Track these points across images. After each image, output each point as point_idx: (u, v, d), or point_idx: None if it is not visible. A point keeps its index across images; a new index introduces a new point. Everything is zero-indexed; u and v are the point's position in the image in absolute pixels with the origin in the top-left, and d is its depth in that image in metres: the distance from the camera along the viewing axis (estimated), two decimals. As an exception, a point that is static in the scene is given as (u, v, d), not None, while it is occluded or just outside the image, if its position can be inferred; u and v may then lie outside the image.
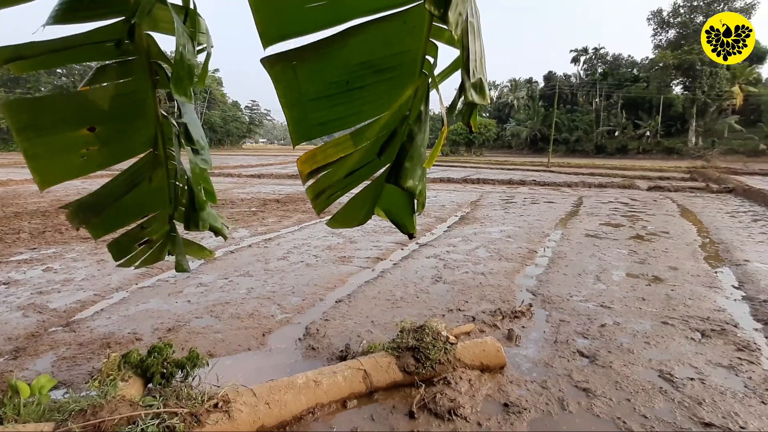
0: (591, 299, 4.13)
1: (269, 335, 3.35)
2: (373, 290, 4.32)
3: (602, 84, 47.18)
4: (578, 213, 9.24)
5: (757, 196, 11.28)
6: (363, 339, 3.19)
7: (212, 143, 61.19)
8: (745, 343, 3.22)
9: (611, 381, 2.70)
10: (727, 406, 2.45)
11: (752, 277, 4.79)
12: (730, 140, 36.33)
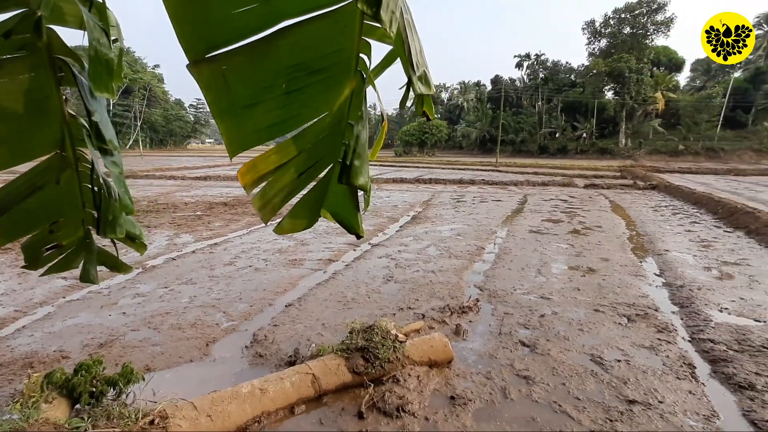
0: (532, 291, 4.37)
1: (213, 345, 3.21)
2: (325, 292, 4.28)
3: (544, 88, 50.00)
4: (523, 210, 9.74)
5: (677, 192, 12.51)
6: (313, 342, 3.15)
7: (153, 143, 57.49)
8: (664, 325, 3.55)
9: (549, 368, 2.88)
10: (648, 383, 2.69)
11: (671, 265, 5.30)
12: (654, 141, 39.94)
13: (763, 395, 2.57)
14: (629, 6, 41.47)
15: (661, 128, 40.33)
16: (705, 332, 3.43)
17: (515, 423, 2.31)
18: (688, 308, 3.94)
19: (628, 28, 42.11)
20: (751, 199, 11.20)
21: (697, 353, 3.15)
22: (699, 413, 2.40)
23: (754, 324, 3.59)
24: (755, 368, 2.86)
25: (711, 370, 2.91)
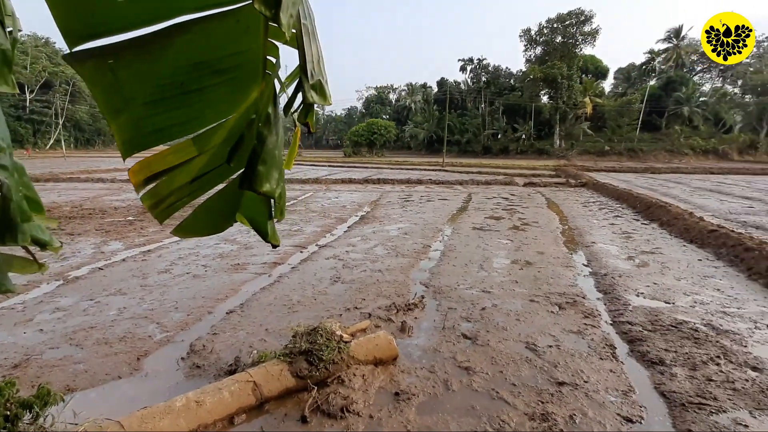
0: (475, 286, 4.56)
1: (145, 359, 3.01)
2: (269, 297, 4.16)
3: (486, 92, 52.30)
4: (468, 209, 10.12)
5: (603, 189, 13.65)
6: (255, 349, 3.05)
7: (79, 143, 52.54)
8: (590, 311, 3.86)
9: (488, 357, 3.02)
10: (576, 365, 2.91)
11: (597, 256, 5.78)
12: (584, 142, 43.28)
13: (671, 369, 2.88)
14: (560, 17, 44.55)
15: (590, 131, 43.80)
16: (624, 315, 3.78)
17: (456, 413, 2.39)
18: (611, 294, 4.32)
19: (559, 38, 45.23)
20: (664, 195, 12.52)
21: (618, 335, 3.46)
22: (618, 389, 2.64)
23: (665, 306, 4.02)
24: (665, 345, 3.20)
25: (629, 350, 3.21)
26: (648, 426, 2.33)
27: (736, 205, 10.54)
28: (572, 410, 2.42)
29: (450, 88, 53.82)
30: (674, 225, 7.55)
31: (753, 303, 4.09)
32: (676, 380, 2.73)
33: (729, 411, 2.42)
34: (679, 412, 2.43)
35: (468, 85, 57.31)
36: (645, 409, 2.46)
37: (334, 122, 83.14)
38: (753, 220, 8.45)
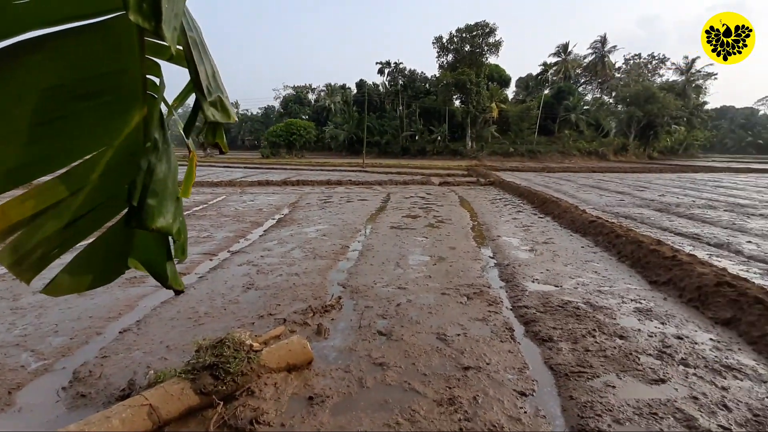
0: (391, 284, 4.69)
1: (18, 392, 2.58)
2: (172, 310, 3.83)
3: (403, 94, 54.07)
4: (386, 208, 10.36)
5: (507, 187, 14.97)
6: (152, 369, 2.78)
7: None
8: (493, 299, 4.21)
9: (402, 351, 3.13)
10: (480, 349, 3.15)
11: (501, 248, 6.32)
12: (492, 144, 47.03)
13: (558, 344, 3.26)
14: (468, 27, 47.82)
15: (497, 133, 47.72)
16: (522, 300, 4.19)
17: (369, 409, 2.44)
18: (511, 282, 4.75)
19: (468, 47, 48.56)
20: (557, 191, 14.13)
21: (516, 318, 3.82)
22: (515, 367, 2.92)
23: (554, 289, 4.53)
24: (553, 324, 3.62)
25: (524, 331, 3.57)
26: (539, 396, 2.61)
27: (611, 199, 12.29)
28: (476, 392, 2.61)
29: (369, 90, 54.62)
30: (564, 217, 8.56)
31: (621, 281, 4.81)
32: (561, 354, 3.10)
33: (601, 375, 2.82)
34: (563, 381, 2.76)
35: (386, 87, 58.66)
36: (536, 383, 2.75)
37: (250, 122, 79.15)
38: (623, 211, 9.93)
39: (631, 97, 48.41)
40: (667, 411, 2.42)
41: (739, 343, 3.28)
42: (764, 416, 2.37)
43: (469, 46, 48.51)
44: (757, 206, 10.75)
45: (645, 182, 18.17)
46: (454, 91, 48.63)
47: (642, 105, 46.52)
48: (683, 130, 52.79)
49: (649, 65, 61.16)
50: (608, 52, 55.08)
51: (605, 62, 55.22)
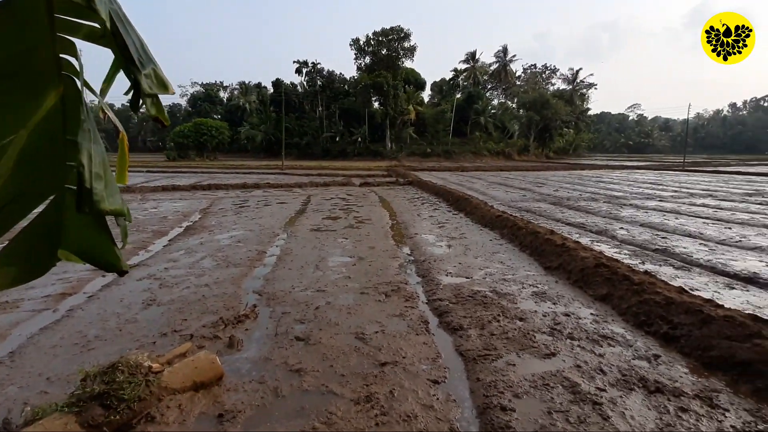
0: (310, 287, 4.61)
1: None
2: (54, 337, 3.33)
3: (323, 95, 53.55)
4: (306, 211, 10.17)
5: (425, 186, 15.64)
6: (29, 405, 2.40)
7: None
8: (410, 295, 4.37)
9: (320, 355, 3.10)
10: (397, 344, 3.25)
11: (418, 245, 6.58)
12: (411, 145, 48.78)
13: (467, 331, 3.49)
14: (384, 31, 48.99)
15: (415, 135, 49.62)
16: (436, 294, 4.41)
17: (285, 418, 2.38)
18: (427, 277, 4.98)
19: (384, 50, 49.73)
20: (469, 189, 15.14)
21: (431, 311, 4.01)
22: (429, 358, 3.06)
23: (465, 280, 4.85)
24: (464, 313, 3.87)
25: (438, 322, 3.76)
26: (450, 382, 2.77)
27: (515, 195, 13.52)
28: (392, 386, 2.69)
29: (286, 89, 53.13)
30: (475, 213, 9.20)
31: (522, 269, 5.31)
32: (470, 340, 3.33)
33: (504, 356, 3.08)
34: (472, 365, 2.97)
35: (305, 87, 57.58)
36: (448, 370, 2.92)
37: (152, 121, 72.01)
38: (525, 205, 10.99)
39: (529, 103, 53.76)
40: (557, 381, 2.74)
41: (613, 315, 3.82)
42: (630, 375, 2.80)
43: (385, 50, 49.72)
44: (628, 197, 12.65)
45: (543, 179, 20.29)
46: (373, 93, 49.48)
47: (539, 110, 51.93)
48: (572, 132, 60.05)
49: (543, 75, 68.55)
50: (510, 62, 60.54)
51: (508, 70, 60.59)
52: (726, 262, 5.41)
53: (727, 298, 4.15)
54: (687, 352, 3.10)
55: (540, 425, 2.30)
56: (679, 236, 7.07)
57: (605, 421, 2.32)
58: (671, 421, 2.33)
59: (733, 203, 11.24)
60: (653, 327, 3.47)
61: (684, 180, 19.79)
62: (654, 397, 2.57)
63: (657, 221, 8.44)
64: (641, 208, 10.43)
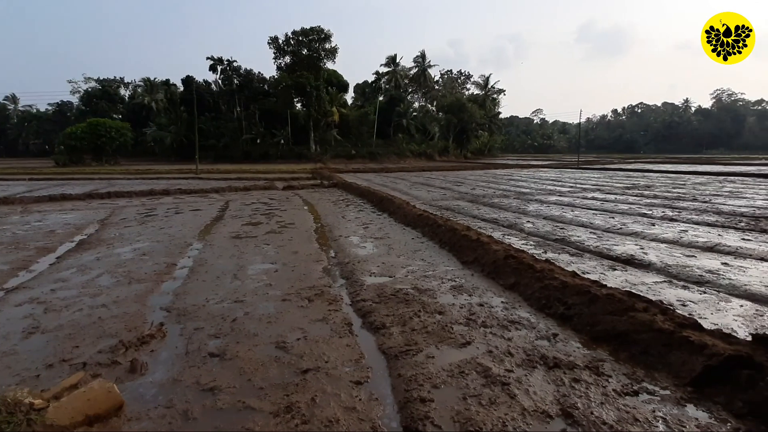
0: (227, 298, 4.35)
1: None
2: None
3: (240, 95, 50.96)
4: (224, 217, 9.59)
5: (350, 188, 15.68)
6: None
7: None
8: (334, 298, 4.34)
9: (237, 370, 2.93)
10: (319, 350, 3.20)
11: (342, 247, 6.57)
12: (336, 147, 48.61)
13: (390, 329, 3.56)
14: (304, 31, 48.11)
15: (339, 137, 49.52)
16: (360, 294, 4.43)
17: (196, 441, 2.21)
18: (351, 279, 4.98)
19: (305, 50, 48.86)
20: (393, 189, 15.51)
21: (355, 313, 4.02)
22: (352, 359, 3.07)
23: (388, 279, 4.95)
24: (387, 312, 3.94)
25: (362, 323, 3.78)
26: (372, 382, 2.80)
27: (436, 194, 14.17)
28: (314, 392, 2.64)
29: (199, 88, 49.62)
30: (398, 213, 9.44)
31: (442, 265, 5.57)
32: (393, 338, 3.40)
33: (424, 350, 3.20)
34: (393, 362, 3.03)
35: (220, 86, 54.31)
36: (371, 369, 2.95)
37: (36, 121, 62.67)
38: (445, 204, 11.56)
39: (447, 107, 56.77)
40: (471, 368, 2.91)
41: (520, 302, 4.18)
42: (533, 354, 3.08)
43: (306, 50, 48.86)
44: (534, 193, 13.96)
45: (462, 178, 21.55)
46: (295, 94, 48.35)
47: (456, 113, 55.08)
48: (486, 135, 64.61)
49: (459, 80, 72.83)
50: (428, 66, 63.20)
51: (426, 75, 63.20)
52: (610, 247, 6.23)
53: (610, 279, 4.77)
54: (579, 328, 3.50)
55: (456, 411, 2.43)
56: (575, 227, 7.97)
57: (512, 400, 2.53)
58: (566, 392, 2.61)
59: (615, 196, 12.99)
60: (552, 309, 3.86)
61: (578, 177, 22.39)
62: (553, 372, 2.85)
63: (557, 214, 9.43)
64: (544, 202, 11.57)
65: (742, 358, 2.59)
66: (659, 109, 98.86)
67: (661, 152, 76.38)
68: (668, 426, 2.28)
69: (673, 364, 2.80)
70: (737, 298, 4.18)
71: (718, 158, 48.53)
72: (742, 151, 74.35)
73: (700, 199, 11.70)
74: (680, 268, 5.14)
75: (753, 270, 5.04)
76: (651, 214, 9.19)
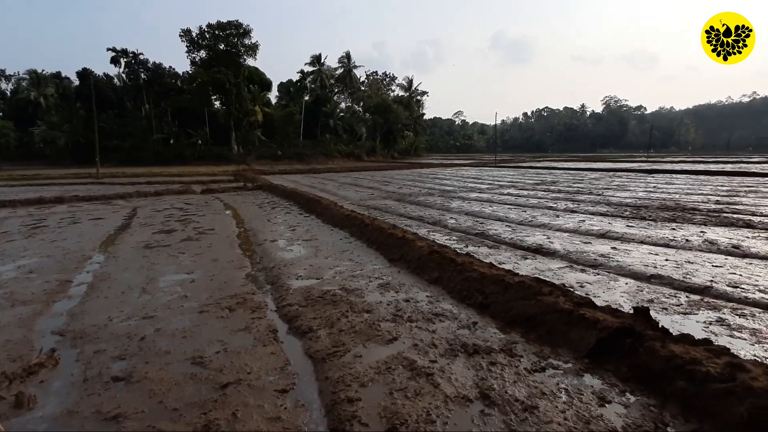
0: (134, 315, 3.94)
1: None
2: None
3: (149, 91, 46.55)
4: (131, 226, 8.68)
5: (276, 190, 15.15)
6: None
7: None
8: (257, 305, 4.15)
9: (146, 393, 2.67)
10: (241, 361, 3.03)
11: (267, 252, 6.32)
12: (260, 148, 46.64)
13: (317, 332, 3.50)
14: (221, 24, 45.36)
15: (264, 137, 47.62)
16: (286, 299, 4.30)
17: (95, 478, 1.96)
18: (277, 284, 4.81)
19: (222, 45, 46.10)
20: (322, 190, 15.31)
21: (280, 318, 3.89)
22: (277, 368, 2.96)
23: (316, 282, 4.87)
24: (314, 315, 3.87)
25: (288, 328, 3.67)
26: (299, 388, 2.73)
27: (364, 194, 14.27)
28: (236, 407, 2.50)
29: (98, 82, 44.44)
30: (325, 214, 9.34)
31: (369, 264, 5.62)
32: (320, 341, 3.35)
33: (352, 350, 3.19)
34: (320, 365, 2.99)
35: (124, 81, 49.14)
36: (297, 375, 2.87)
37: None
38: (373, 203, 11.69)
39: (374, 108, 57.49)
40: (398, 362, 2.98)
41: (443, 294, 4.38)
42: (455, 343, 3.24)
43: (224, 45, 46.15)
44: (456, 191, 14.72)
45: (389, 178, 21.97)
46: (212, 91, 45.47)
47: (383, 114, 56.03)
48: (412, 135, 66.67)
49: (384, 81, 74.18)
50: (354, 67, 63.48)
51: (352, 76, 63.42)
52: (522, 239, 6.79)
53: (522, 267, 5.20)
54: (496, 315, 3.76)
55: (383, 407, 2.46)
56: (492, 221, 8.56)
57: (436, 389, 2.63)
58: (484, 375, 2.78)
59: (527, 191, 14.21)
60: (472, 299, 4.10)
61: (496, 174, 24.10)
62: (473, 358, 3.03)
63: (477, 210, 10.04)
64: (466, 199, 12.26)
65: (626, 329, 2.98)
66: (561, 113, 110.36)
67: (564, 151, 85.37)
68: (569, 395, 2.55)
69: (573, 339, 3.14)
70: (623, 277, 4.81)
71: (608, 156, 55.51)
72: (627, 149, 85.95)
73: (595, 193, 13.27)
74: (579, 253, 5.77)
75: (635, 252, 5.83)
76: (556, 207, 10.20)
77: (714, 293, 4.19)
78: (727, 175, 19.61)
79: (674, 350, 2.63)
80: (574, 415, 2.35)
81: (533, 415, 2.36)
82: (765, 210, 9.03)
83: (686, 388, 2.42)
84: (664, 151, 78.34)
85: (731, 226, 7.40)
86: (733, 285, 4.37)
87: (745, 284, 4.38)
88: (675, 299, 4.07)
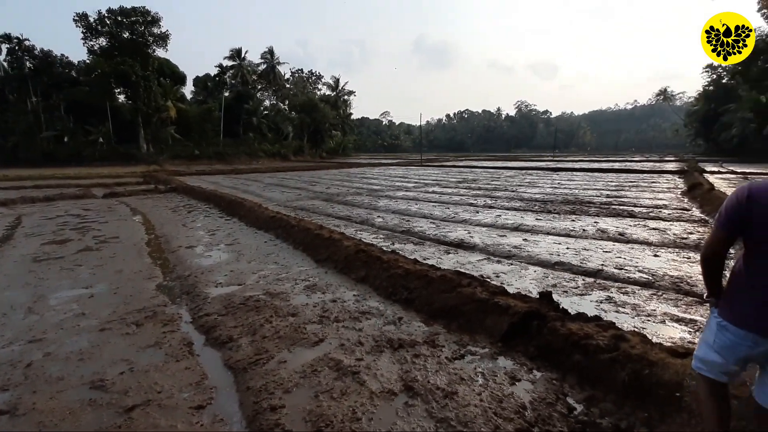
0: (18, 339, 3.40)
1: None
2: None
3: (38, 82, 40.43)
4: (13, 237, 7.48)
5: (192, 192, 14.10)
6: None
7: None
8: (170, 318, 3.82)
9: (34, 426, 2.32)
10: (150, 380, 2.77)
11: (182, 259, 5.85)
12: (174, 147, 42.93)
13: (238, 342, 3.33)
14: (124, 11, 40.90)
15: (178, 135, 43.98)
16: (203, 309, 4.02)
17: None
18: (192, 293, 4.48)
19: (127, 33, 41.62)
20: (245, 192, 14.57)
21: (197, 330, 3.63)
22: (192, 383, 2.75)
23: (237, 288, 4.62)
24: (234, 323, 3.67)
25: (205, 340, 3.44)
26: (217, 402, 2.57)
27: (291, 194, 13.89)
28: (143, 431, 2.28)
29: (-34, 69, 37.52)
30: (249, 217, 8.91)
31: (296, 266, 5.49)
32: (241, 350, 3.19)
33: (276, 356, 3.09)
34: (242, 375, 2.84)
35: (5, 70, 42.11)
36: (215, 389, 2.70)
37: None
38: (300, 204, 11.43)
39: (300, 106, 56.16)
40: (324, 364, 2.95)
41: (370, 292, 4.42)
42: (381, 339, 3.29)
43: (128, 33, 41.67)
44: (384, 190, 14.97)
45: (317, 178, 21.63)
46: (116, 83, 40.84)
47: (309, 113, 54.96)
48: (340, 135, 66.37)
49: (310, 80, 72.84)
50: (277, 64, 61.28)
51: (276, 72, 61.21)
52: (446, 234, 7.12)
53: (445, 261, 5.45)
54: (420, 309, 3.90)
55: (308, 411, 2.42)
56: (418, 218, 8.85)
57: (361, 387, 2.65)
58: (409, 368, 2.87)
59: (451, 189, 14.94)
60: (398, 295, 4.21)
61: (422, 173, 24.98)
62: (398, 352, 3.10)
63: (403, 208, 10.31)
64: (393, 198, 12.53)
65: (533, 312, 3.27)
66: (480, 115, 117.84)
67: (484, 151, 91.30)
68: (485, 378, 2.73)
69: (489, 326, 3.37)
70: (533, 265, 5.28)
71: (521, 156, 60.54)
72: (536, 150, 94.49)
73: (510, 189, 14.38)
74: (495, 246, 6.21)
75: (543, 243, 6.44)
76: (476, 203, 10.87)
77: (604, 275, 4.78)
78: (615, 173, 22.51)
79: (571, 328, 2.95)
80: (489, 396, 2.53)
81: (453, 400, 2.49)
82: (644, 202, 10.54)
83: (581, 361, 2.74)
84: (566, 152, 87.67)
85: (618, 216, 8.51)
86: (619, 267, 5.03)
87: (629, 266, 5.07)
88: (573, 282, 4.57)
